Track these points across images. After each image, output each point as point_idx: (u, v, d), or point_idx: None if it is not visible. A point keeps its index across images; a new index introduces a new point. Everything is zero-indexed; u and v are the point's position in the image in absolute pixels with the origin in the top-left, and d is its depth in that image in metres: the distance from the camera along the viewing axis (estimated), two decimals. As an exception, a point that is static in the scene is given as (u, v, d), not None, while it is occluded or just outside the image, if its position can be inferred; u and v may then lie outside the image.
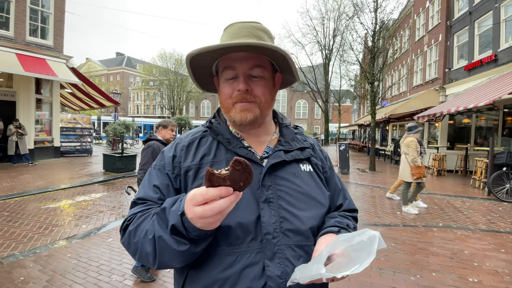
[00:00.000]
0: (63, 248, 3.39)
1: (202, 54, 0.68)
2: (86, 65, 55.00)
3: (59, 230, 3.95)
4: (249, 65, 0.72)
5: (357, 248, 0.56)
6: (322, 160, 0.87)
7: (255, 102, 0.73)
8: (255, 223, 0.66)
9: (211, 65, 0.78)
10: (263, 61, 0.74)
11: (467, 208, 5.58)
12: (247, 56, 0.71)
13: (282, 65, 0.77)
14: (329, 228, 0.72)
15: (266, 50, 0.68)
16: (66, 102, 14.80)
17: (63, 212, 4.84)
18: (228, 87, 0.74)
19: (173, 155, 0.76)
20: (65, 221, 4.36)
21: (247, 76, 0.72)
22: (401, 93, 18.99)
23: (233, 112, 0.73)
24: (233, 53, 0.71)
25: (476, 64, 11.19)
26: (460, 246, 3.64)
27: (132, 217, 0.68)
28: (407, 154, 5.07)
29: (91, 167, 9.70)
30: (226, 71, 0.73)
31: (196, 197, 0.51)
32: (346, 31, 22.31)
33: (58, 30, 10.75)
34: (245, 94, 0.72)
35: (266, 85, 0.75)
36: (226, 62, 0.73)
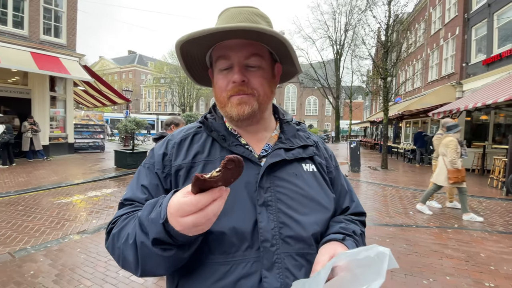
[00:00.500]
0: (73, 242, 3.46)
1: (193, 41, 0.61)
2: (99, 63, 56.28)
3: (71, 225, 4.03)
4: (245, 53, 0.65)
5: (363, 264, 0.49)
6: (327, 159, 0.79)
7: (253, 94, 0.66)
8: (252, 229, 0.60)
9: (204, 55, 0.72)
10: (260, 49, 0.67)
11: (484, 209, 5.35)
12: (243, 44, 0.65)
13: (282, 54, 0.70)
14: (332, 236, 0.65)
15: (264, 37, 0.61)
16: (80, 99, 15.15)
17: (75, 207, 4.95)
18: (222, 79, 0.67)
19: (163, 152, 0.70)
20: (77, 216, 4.45)
21: (243, 66, 0.66)
22: (415, 89, 18.42)
23: (229, 107, 0.67)
24: (228, 41, 0.64)
25: (495, 58, 10.69)
26: (476, 248, 3.48)
27: (116, 220, 0.63)
28: (445, 155, 4.67)
29: (103, 163, 9.90)
30: (220, 61, 0.67)
31: (185, 208, 0.45)
32: (358, 25, 21.79)
33: (70, 29, 10.96)
34: (241, 86, 0.65)
35: (264, 76, 0.68)
36: (219, 51, 0.66)
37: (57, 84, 11.29)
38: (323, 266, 0.56)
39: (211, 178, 0.44)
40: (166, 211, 0.49)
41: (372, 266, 0.47)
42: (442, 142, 4.86)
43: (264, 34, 0.60)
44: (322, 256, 0.59)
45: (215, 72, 0.70)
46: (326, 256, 0.59)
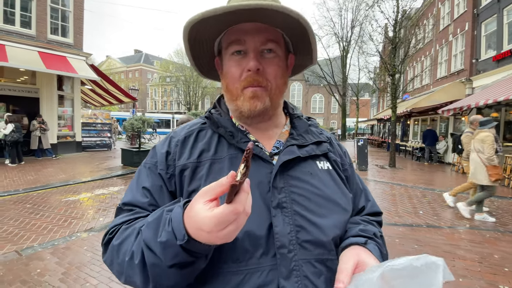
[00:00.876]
0: (80, 240, 3.47)
1: (204, 24, 0.55)
2: (106, 63, 56.86)
3: (78, 223, 4.05)
4: (261, 38, 0.59)
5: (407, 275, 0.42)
6: (341, 156, 0.74)
7: (266, 88, 0.61)
8: (267, 233, 0.55)
9: (213, 42, 0.66)
10: (277, 35, 0.62)
11: (496, 208, 5.21)
12: (259, 28, 0.59)
13: (297, 43, 0.65)
14: (353, 239, 0.60)
15: (281, 21, 0.56)
16: (87, 98, 15.31)
17: (82, 205, 4.98)
18: (235, 66, 0.61)
19: (166, 151, 0.64)
20: (84, 213, 4.48)
21: (259, 52, 0.60)
22: (424, 86, 18.08)
23: (241, 100, 0.61)
24: (242, 24, 0.59)
25: (505, 54, 10.40)
26: (489, 249, 3.38)
27: (115, 229, 0.57)
28: (481, 152, 4.35)
29: (110, 161, 9.98)
30: (233, 46, 0.61)
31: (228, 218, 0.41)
32: (365, 21, 21.47)
33: (77, 28, 11.05)
34: (256, 75, 0.60)
35: (280, 65, 0.63)
36: (233, 35, 0.61)
37: (65, 83, 11.41)
38: (348, 275, 0.50)
39: (241, 180, 0.40)
40: (184, 230, 0.44)
41: (420, 277, 0.41)
42: (477, 138, 4.53)
43: (281, 18, 0.55)
44: (346, 264, 0.53)
45: (226, 59, 0.64)
46: (350, 264, 0.53)
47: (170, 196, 0.61)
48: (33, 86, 10.38)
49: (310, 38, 0.60)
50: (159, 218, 0.48)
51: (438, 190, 6.67)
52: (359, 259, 0.54)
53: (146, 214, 0.58)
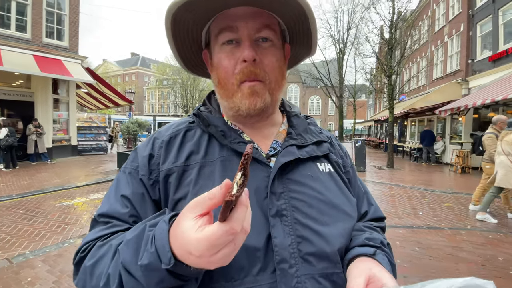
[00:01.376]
0: (72, 247, 3.37)
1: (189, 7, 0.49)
2: (103, 66, 56.66)
3: (71, 229, 3.94)
4: (256, 24, 0.53)
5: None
6: (342, 157, 0.68)
7: (264, 82, 0.54)
8: (265, 246, 0.48)
9: (199, 31, 0.58)
10: (273, 21, 0.55)
11: (498, 209, 5.17)
12: (253, 13, 0.52)
13: (294, 31, 0.58)
14: (360, 249, 0.53)
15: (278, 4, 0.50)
16: (83, 101, 15.18)
17: (76, 210, 4.87)
18: (227, 58, 0.54)
19: (149, 154, 0.56)
20: (78, 219, 4.37)
21: (253, 41, 0.53)
22: (420, 87, 18.17)
23: (238, 97, 0.54)
24: (234, 8, 0.52)
25: (501, 54, 10.48)
26: (492, 251, 3.32)
27: (88, 247, 0.49)
28: (511, 154, 4.07)
29: (106, 165, 9.85)
30: (224, 34, 0.54)
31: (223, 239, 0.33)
32: (361, 23, 21.58)
33: (73, 31, 10.96)
34: (253, 66, 0.52)
35: (277, 55, 0.56)
36: (223, 22, 0.53)
37: (60, 87, 11.29)
38: None
39: (238, 193, 0.33)
40: (170, 252, 0.37)
41: None
42: (505, 140, 4.22)
43: (278, 2, 0.49)
44: (356, 279, 0.47)
45: (216, 50, 0.56)
46: (361, 279, 0.46)
47: (153, 206, 0.53)
48: (28, 90, 10.26)
49: (310, 23, 0.53)
50: (140, 235, 0.41)
51: (437, 190, 6.64)
52: (371, 274, 0.47)
53: (125, 228, 0.50)
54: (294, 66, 0.71)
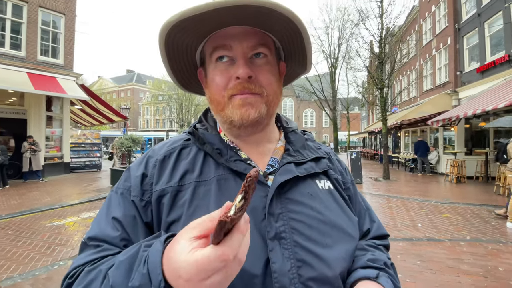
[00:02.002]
0: (62, 269, 3.22)
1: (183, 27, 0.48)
2: (98, 83, 56.90)
3: (61, 250, 3.79)
4: (250, 43, 0.52)
5: None
6: (342, 173, 0.66)
7: (261, 94, 0.53)
8: (263, 272, 0.45)
9: (194, 50, 0.58)
10: (267, 40, 0.55)
11: (495, 218, 5.15)
12: (247, 32, 0.52)
13: (289, 49, 0.58)
14: (363, 272, 0.51)
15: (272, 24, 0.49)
16: (77, 118, 15.10)
17: (67, 230, 4.71)
18: (221, 75, 0.53)
19: (142, 173, 0.54)
20: (69, 239, 4.22)
21: (248, 59, 0.52)
22: (411, 99, 18.56)
23: (229, 109, 0.53)
24: (228, 28, 0.51)
25: (489, 65, 10.83)
26: (493, 262, 3.28)
27: (76, 272, 0.46)
28: None
29: (99, 182, 9.66)
30: (218, 52, 0.53)
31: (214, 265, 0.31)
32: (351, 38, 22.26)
33: (68, 49, 11.04)
34: (248, 82, 0.51)
35: (272, 72, 0.55)
36: (217, 41, 0.53)
37: (54, 104, 11.24)
38: None
39: (235, 216, 0.31)
40: (162, 274, 0.34)
41: None
42: None
43: (272, 21, 0.48)
44: None
45: (210, 68, 0.55)
46: None
47: (145, 229, 0.50)
48: (21, 107, 10.17)
49: (304, 41, 0.53)
50: (134, 256, 0.39)
51: (434, 201, 6.63)
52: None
53: (116, 252, 0.47)
54: (290, 83, 0.70)
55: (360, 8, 11.20)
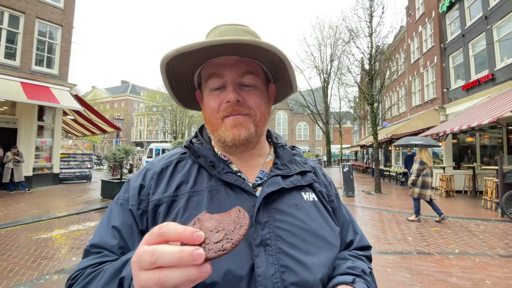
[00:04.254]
0: (49, 284, 3.13)
1: (181, 58, 0.55)
2: (92, 93, 56.64)
3: (48, 263, 3.68)
4: (239, 71, 0.59)
5: None
6: (326, 186, 0.71)
7: (249, 115, 0.59)
8: (248, 276, 0.49)
9: (192, 74, 0.65)
10: (255, 67, 0.61)
11: (482, 232, 5.26)
12: (236, 61, 0.59)
13: (276, 73, 0.65)
14: (340, 278, 0.55)
15: (259, 53, 0.56)
16: (68, 128, 14.93)
17: (54, 243, 4.58)
18: (214, 99, 0.60)
19: (140, 184, 0.59)
20: (55, 253, 4.10)
21: (238, 85, 0.59)
22: (401, 114, 19.06)
23: (222, 130, 0.59)
24: (220, 58, 0.58)
25: (473, 83, 11.30)
26: (480, 275, 3.33)
27: (78, 274, 0.51)
28: None
29: (89, 193, 9.47)
30: (212, 80, 0.60)
31: (143, 257, 0.32)
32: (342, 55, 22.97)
33: (63, 60, 11.08)
34: (237, 106, 0.58)
35: (260, 96, 0.62)
36: (211, 69, 0.60)
37: (46, 114, 11.12)
38: None
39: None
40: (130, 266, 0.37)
41: None
42: None
43: (258, 51, 0.55)
44: None
45: (205, 93, 0.62)
46: None
47: (140, 236, 0.55)
48: (12, 116, 10.04)
49: (287, 68, 0.59)
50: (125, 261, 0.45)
51: (424, 215, 6.71)
52: None
53: (114, 258, 0.51)
54: (280, 101, 0.77)
55: (350, 28, 11.63)
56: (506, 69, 9.75)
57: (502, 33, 10.10)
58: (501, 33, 10.16)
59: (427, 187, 5.79)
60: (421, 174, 5.83)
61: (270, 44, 0.53)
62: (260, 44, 0.52)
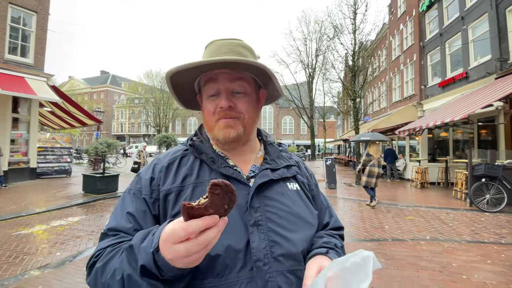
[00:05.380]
0: (34, 279, 3.11)
1: (182, 72, 0.66)
2: (68, 83, 54.00)
3: (31, 259, 3.63)
4: (231, 81, 0.70)
5: (351, 271, 0.52)
6: (308, 177, 0.84)
7: (239, 118, 0.70)
8: (245, 249, 0.61)
9: (193, 82, 0.75)
10: (245, 76, 0.72)
11: (452, 220, 5.69)
12: (229, 73, 0.69)
13: (265, 80, 0.75)
14: (316, 250, 0.68)
15: (248, 66, 0.66)
16: (45, 121, 14.29)
17: (36, 238, 4.50)
18: (210, 104, 0.71)
19: (150, 177, 0.69)
20: (38, 248, 4.04)
21: (230, 92, 0.70)
22: (382, 109, 19.74)
23: (216, 130, 0.70)
24: (215, 70, 0.69)
25: (449, 81, 11.89)
26: (448, 258, 3.66)
27: (100, 253, 0.60)
28: None
29: (70, 188, 9.22)
30: (208, 86, 0.71)
31: (178, 233, 0.44)
32: (327, 51, 23.31)
33: (39, 49, 10.54)
34: (229, 110, 0.69)
35: (249, 101, 0.72)
36: (207, 78, 0.71)
37: (21, 105, 10.60)
38: (313, 279, 0.58)
39: (199, 205, 0.43)
40: (158, 239, 0.48)
41: (360, 270, 0.51)
42: None
43: (247, 67, 0.66)
44: (311, 271, 0.61)
45: (204, 98, 0.73)
46: (314, 270, 0.61)
47: (153, 220, 0.65)
48: (-17, 108, 9.50)
49: (272, 79, 0.70)
50: (149, 230, 0.54)
51: (400, 205, 7.14)
52: (321, 266, 0.62)
53: (130, 239, 0.60)
54: (273, 102, 0.88)
55: (335, 24, 11.84)
56: (479, 68, 10.34)
57: (476, 33, 10.66)
58: (475, 33, 10.72)
59: (372, 176, 6.64)
60: (367, 164, 6.69)
61: (255, 62, 0.64)
62: (247, 62, 0.63)
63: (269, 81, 0.73)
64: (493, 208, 6.35)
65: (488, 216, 5.96)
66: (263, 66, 0.65)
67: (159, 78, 40.00)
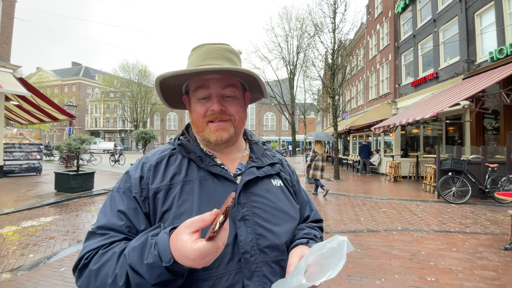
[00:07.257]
0: (6, 282, 2.96)
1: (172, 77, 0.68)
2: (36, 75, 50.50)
3: (2, 262, 3.44)
4: (222, 85, 0.73)
5: (328, 256, 0.59)
6: (290, 174, 0.89)
7: (230, 120, 0.74)
8: (233, 242, 0.65)
9: (181, 84, 0.78)
10: (234, 81, 0.75)
11: (421, 211, 6.08)
12: (219, 78, 0.72)
13: (251, 84, 0.79)
14: (298, 241, 0.74)
15: (240, 73, 0.70)
16: (12, 115, 13.33)
17: (6, 240, 4.25)
18: (201, 107, 0.73)
19: (140, 176, 0.70)
20: (9, 251, 3.83)
21: (221, 96, 0.73)
22: (359, 106, 20.45)
23: (207, 132, 0.73)
24: (206, 75, 0.72)
25: (421, 80, 12.57)
26: (417, 247, 3.93)
27: (91, 254, 0.59)
28: None
29: (40, 187, 8.73)
30: (199, 90, 0.73)
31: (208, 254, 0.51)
32: (308, 48, 23.65)
33: (5, 38, 9.79)
34: (220, 113, 0.72)
35: (239, 104, 0.76)
36: (198, 82, 0.73)
37: (-17, 99, 9.82)
38: (295, 266, 0.64)
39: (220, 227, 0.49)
40: (171, 255, 0.51)
41: (336, 254, 0.58)
42: None
43: (235, 73, 0.70)
44: (293, 259, 0.68)
45: (193, 100, 0.75)
46: (296, 258, 0.67)
47: (144, 217, 0.67)
48: None
49: (260, 84, 0.75)
50: (144, 243, 0.55)
51: (375, 198, 7.52)
52: (302, 254, 0.68)
53: (121, 238, 0.62)
54: (254, 102, 0.93)
55: (316, 22, 12.04)
56: (448, 68, 11.01)
57: (446, 35, 11.32)
58: (446, 35, 11.37)
59: (317, 169, 7.74)
60: (314, 159, 7.76)
61: (245, 69, 0.68)
62: (241, 71, 0.67)
63: (256, 85, 0.77)
64: (458, 200, 6.87)
65: (454, 207, 6.44)
66: (256, 76, 0.69)
67: (136, 71, 38.60)
